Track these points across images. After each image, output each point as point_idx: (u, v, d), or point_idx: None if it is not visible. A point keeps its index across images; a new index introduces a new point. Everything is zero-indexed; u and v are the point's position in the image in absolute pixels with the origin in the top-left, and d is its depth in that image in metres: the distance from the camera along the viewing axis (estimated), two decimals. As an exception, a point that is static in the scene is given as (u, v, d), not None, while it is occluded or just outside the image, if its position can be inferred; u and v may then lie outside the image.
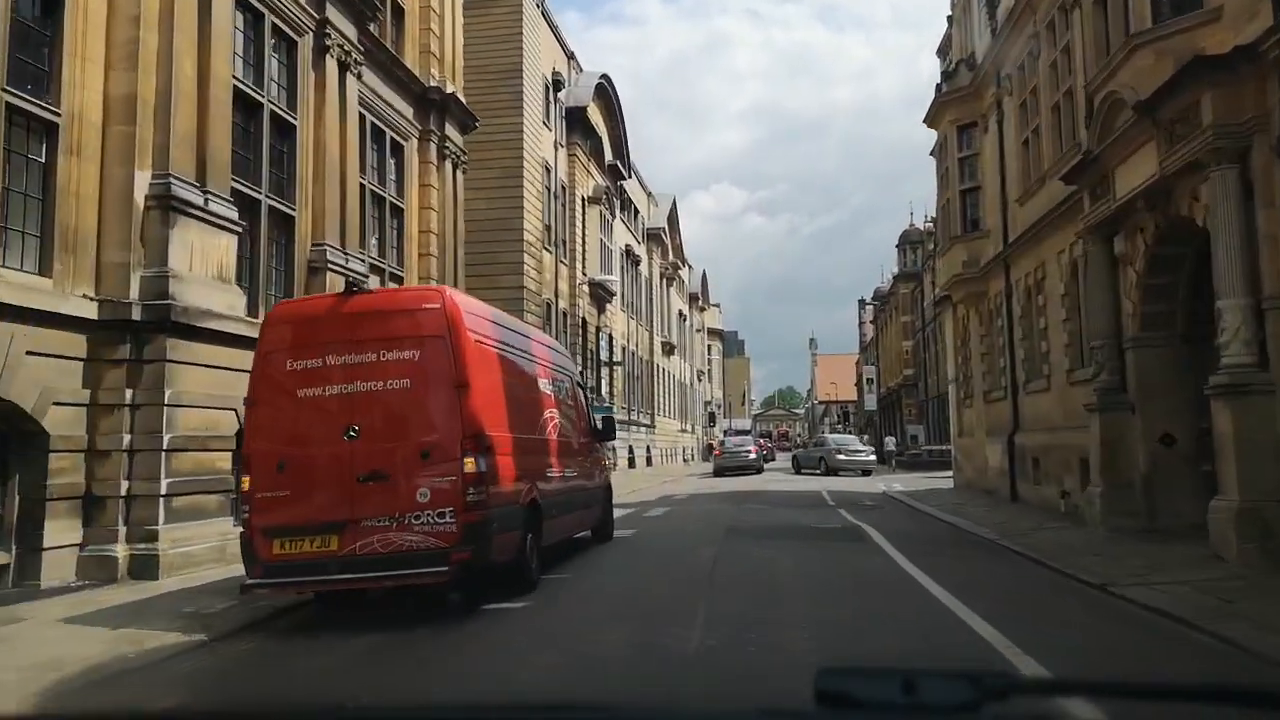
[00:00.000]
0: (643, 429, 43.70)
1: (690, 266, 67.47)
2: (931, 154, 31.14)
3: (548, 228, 28.27)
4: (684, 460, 57.50)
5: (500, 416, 8.42)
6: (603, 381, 32.46)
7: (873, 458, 37.78)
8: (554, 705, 1.48)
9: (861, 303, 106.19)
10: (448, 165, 19.82)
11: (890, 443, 43.88)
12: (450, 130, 19.82)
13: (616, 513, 14.25)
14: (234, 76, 12.03)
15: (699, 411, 68.81)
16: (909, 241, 67.62)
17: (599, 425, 12.81)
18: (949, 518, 15.96)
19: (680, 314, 60.06)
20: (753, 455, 37.76)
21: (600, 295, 33.09)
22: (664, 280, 51.67)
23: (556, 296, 28.71)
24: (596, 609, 8.47)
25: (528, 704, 1.66)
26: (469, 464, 7.51)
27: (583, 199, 31.67)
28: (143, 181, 10.37)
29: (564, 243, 30.15)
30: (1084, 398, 13.66)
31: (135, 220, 10.28)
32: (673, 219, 53.82)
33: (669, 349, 52.55)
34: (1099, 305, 13.39)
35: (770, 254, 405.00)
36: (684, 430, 59.96)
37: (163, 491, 9.99)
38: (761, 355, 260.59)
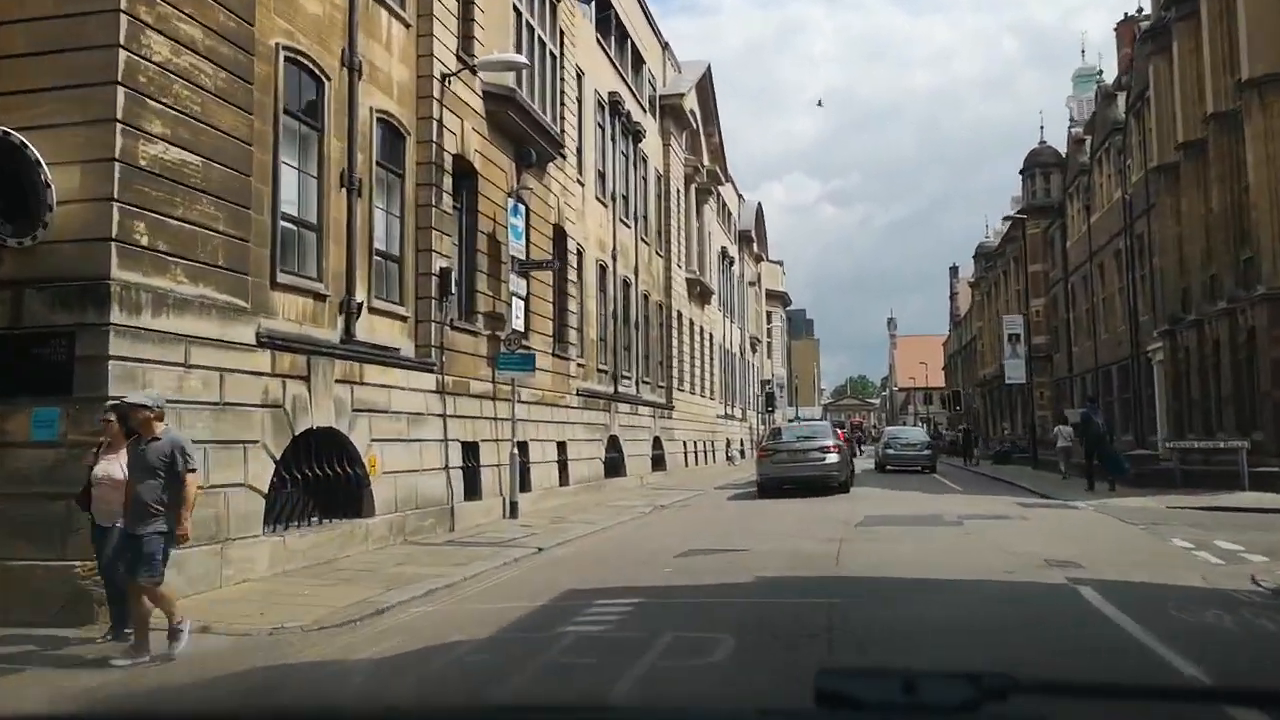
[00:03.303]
0: (646, 409, 26.23)
1: (741, 196, 49.58)
2: None
3: None
4: (727, 458, 39.71)
5: None
6: (514, 303, 14.99)
7: (929, 452, 30.81)
8: (554, 706, 1.56)
9: (954, 270, 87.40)
10: None
11: (1064, 435, 25.64)
12: None
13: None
14: None
15: (753, 392, 50.88)
16: (1039, 164, 49.52)
17: None
18: None
19: (724, 252, 42.26)
20: (831, 458, 19.98)
21: (512, 125, 15.63)
22: (693, 190, 33.95)
23: (351, 67, 11.29)
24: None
25: (528, 704, 1.67)
26: None
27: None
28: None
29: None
30: None
31: None
32: (706, 96, 35.78)
33: (701, 293, 34.83)
34: None
35: (839, 245, 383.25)
36: (728, 415, 42.16)
37: None
38: (830, 348, 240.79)
